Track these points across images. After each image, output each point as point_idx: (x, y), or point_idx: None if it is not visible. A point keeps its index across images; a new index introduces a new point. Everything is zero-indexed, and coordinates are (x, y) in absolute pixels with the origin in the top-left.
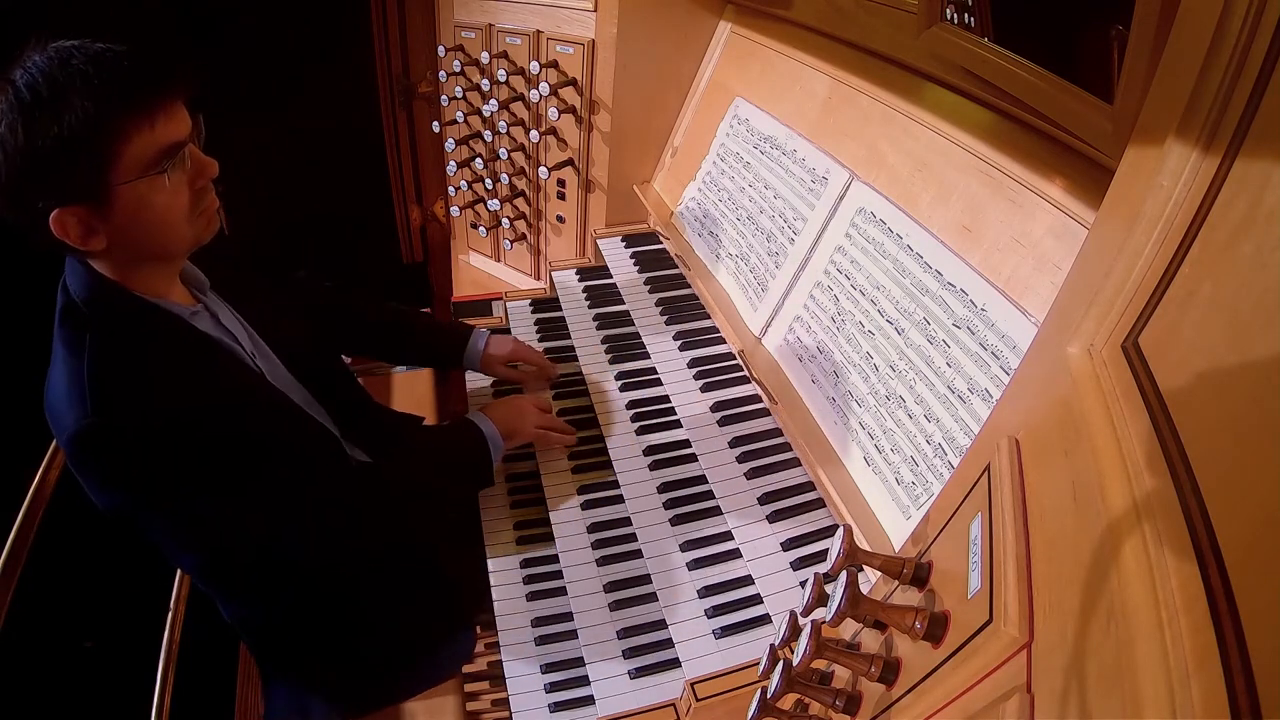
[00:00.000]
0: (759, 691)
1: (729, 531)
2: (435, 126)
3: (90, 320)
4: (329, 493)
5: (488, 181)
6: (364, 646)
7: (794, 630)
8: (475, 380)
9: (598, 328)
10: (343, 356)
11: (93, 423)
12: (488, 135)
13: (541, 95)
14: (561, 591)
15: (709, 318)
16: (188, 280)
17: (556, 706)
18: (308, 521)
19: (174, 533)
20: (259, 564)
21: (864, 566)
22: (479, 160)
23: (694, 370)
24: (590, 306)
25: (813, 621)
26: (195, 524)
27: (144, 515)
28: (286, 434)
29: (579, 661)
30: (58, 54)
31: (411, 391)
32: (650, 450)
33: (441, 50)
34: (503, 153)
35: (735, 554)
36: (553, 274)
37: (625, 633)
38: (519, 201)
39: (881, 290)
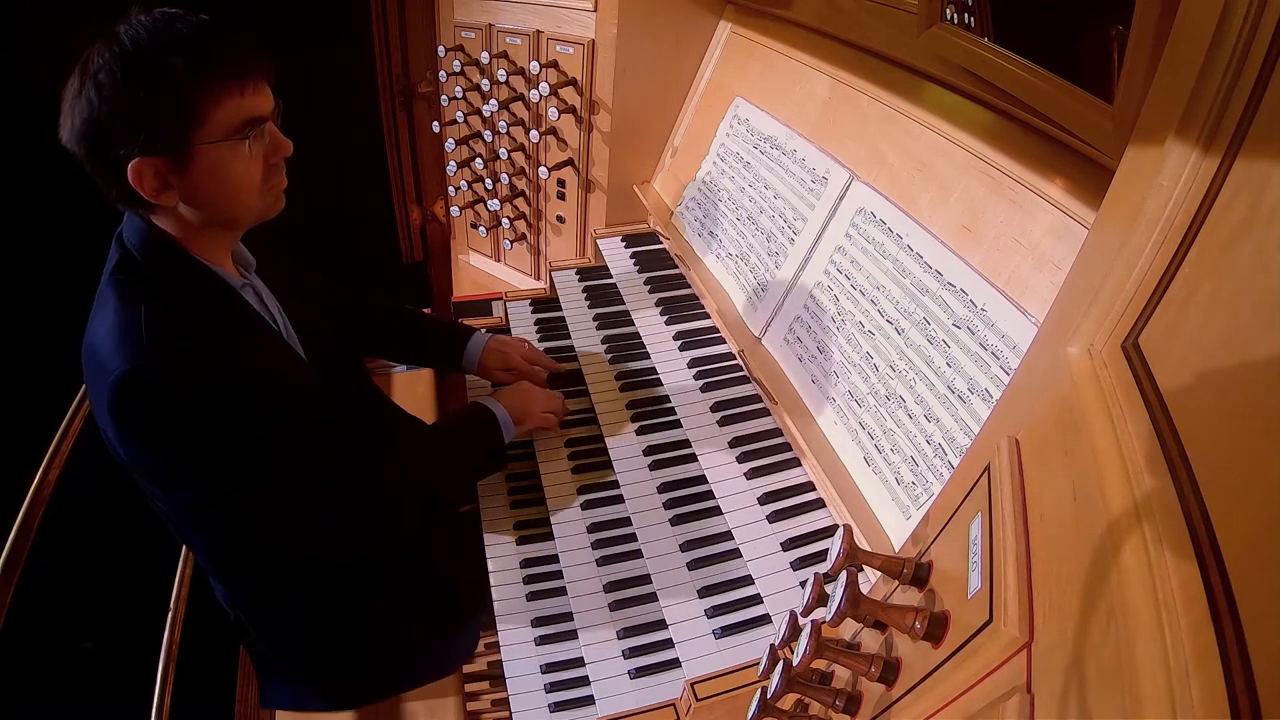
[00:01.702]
0: (759, 691)
1: (729, 531)
2: (435, 126)
3: (148, 273)
4: (352, 472)
5: (488, 181)
6: (360, 640)
7: (794, 630)
8: (476, 380)
9: (598, 328)
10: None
11: (144, 365)
12: (488, 135)
13: (541, 95)
14: (561, 591)
15: (709, 317)
16: (236, 259)
17: (556, 706)
18: (328, 500)
19: (196, 501)
20: (272, 545)
21: (864, 566)
22: (479, 160)
23: (694, 370)
24: (590, 306)
25: (813, 621)
26: (221, 492)
27: (171, 475)
28: (315, 413)
29: (579, 661)
30: (163, 16)
31: (412, 392)
32: (650, 450)
33: (441, 50)
34: (503, 153)
35: (735, 554)
36: (553, 274)
37: (625, 633)
38: (519, 201)
39: (881, 290)
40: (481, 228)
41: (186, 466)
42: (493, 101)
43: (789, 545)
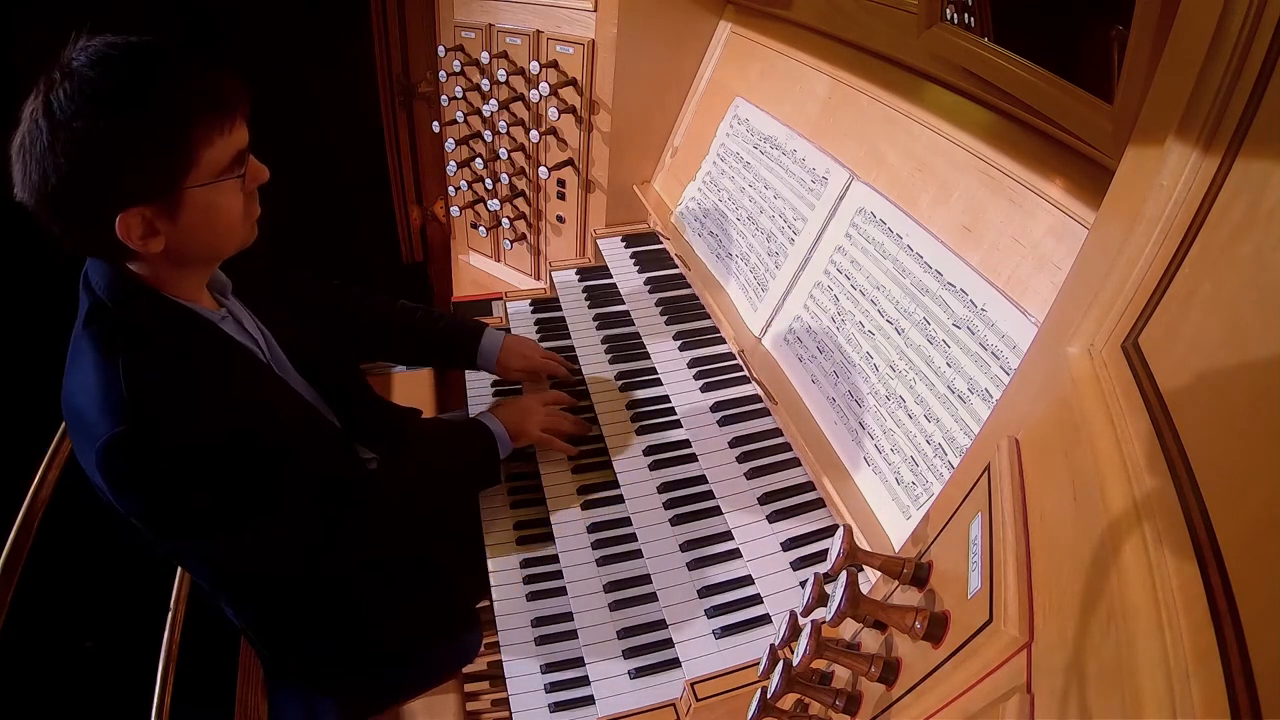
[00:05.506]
0: (759, 691)
1: (729, 531)
2: (435, 126)
3: (123, 322)
4: (346, 498)
5: (488, 181)
6: (372, 647)
7: (794, 630)
8: (474, 379)
9: (598, 328)
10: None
11: (130, 430)
12: (488, 135)
13: (541, 95)
14: (561, 591)
15: (709, 317)
16: (212, 284)
17: (556, 706)
18: (325, 527)
19: (196, 542)
20: (276, 572)
21: (864, 566)
22: (479, 160)
23: (694, 370)
24: (590, 306)
25: (813, 621)
26: (220, 534)
27: (169, 524)
28: (307, 442)
29: (579, 661)
30: (131, 52)
31: (412, 391)
32: (650, 450)
33: (441, 50)
34: (503, 153)
35: (735, 554)
36: (553, 274)
37: (625, 633)
38: (519, 201)
39: (881, 290)
40: (481, 228)
41: (181, 517)
42: (493, 101)
43: (789, 545)
